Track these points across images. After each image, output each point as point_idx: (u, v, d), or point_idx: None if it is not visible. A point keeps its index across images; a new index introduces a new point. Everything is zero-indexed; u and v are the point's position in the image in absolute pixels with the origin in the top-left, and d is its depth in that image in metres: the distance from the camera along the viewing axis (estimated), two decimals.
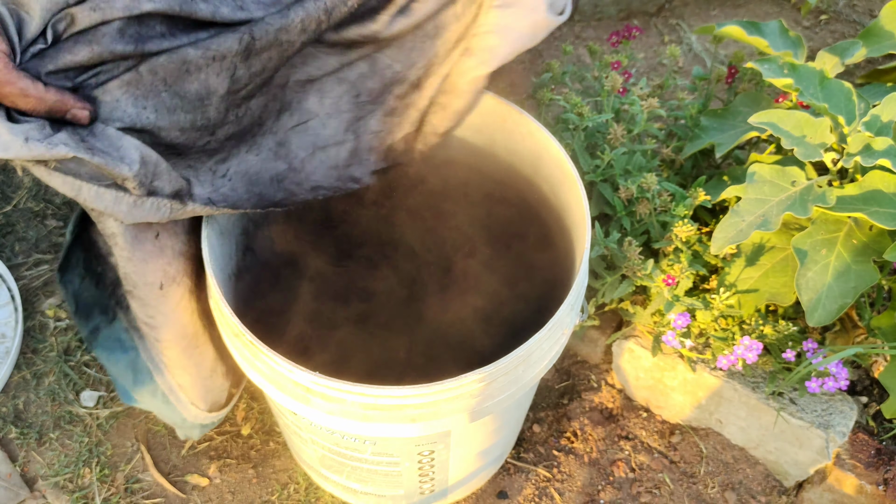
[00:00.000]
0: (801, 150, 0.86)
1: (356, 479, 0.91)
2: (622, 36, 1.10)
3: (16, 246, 1.26)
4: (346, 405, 0.69)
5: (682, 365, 1.01)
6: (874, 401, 1.04)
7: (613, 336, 1.07)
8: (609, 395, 1.12)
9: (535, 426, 1.11)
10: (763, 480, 1.05)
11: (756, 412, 1.00)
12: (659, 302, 0.96)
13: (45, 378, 1.14)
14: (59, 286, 0.84)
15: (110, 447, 1.09)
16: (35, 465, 1.07)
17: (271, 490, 1.06)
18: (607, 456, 1.08)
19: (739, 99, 1.04)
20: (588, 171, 1.00)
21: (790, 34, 1.04)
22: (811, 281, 0.86)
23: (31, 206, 1.31)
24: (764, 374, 1.00)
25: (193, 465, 1.08)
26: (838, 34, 1.56)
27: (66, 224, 1.29)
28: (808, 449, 0.98)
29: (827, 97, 0.92)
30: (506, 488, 1.05)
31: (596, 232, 0.94)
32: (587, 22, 1.56)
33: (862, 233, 0.87)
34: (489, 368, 0.68)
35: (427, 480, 0.91)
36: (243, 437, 1.10)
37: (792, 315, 0.98)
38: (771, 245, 0.93)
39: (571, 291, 0.73)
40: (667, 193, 0.96)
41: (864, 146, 0.85)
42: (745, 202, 0.87)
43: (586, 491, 1.05)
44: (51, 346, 1.17)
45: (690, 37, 1.54)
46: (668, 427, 1.10)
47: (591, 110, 0.99)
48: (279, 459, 1.08)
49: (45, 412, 1.11)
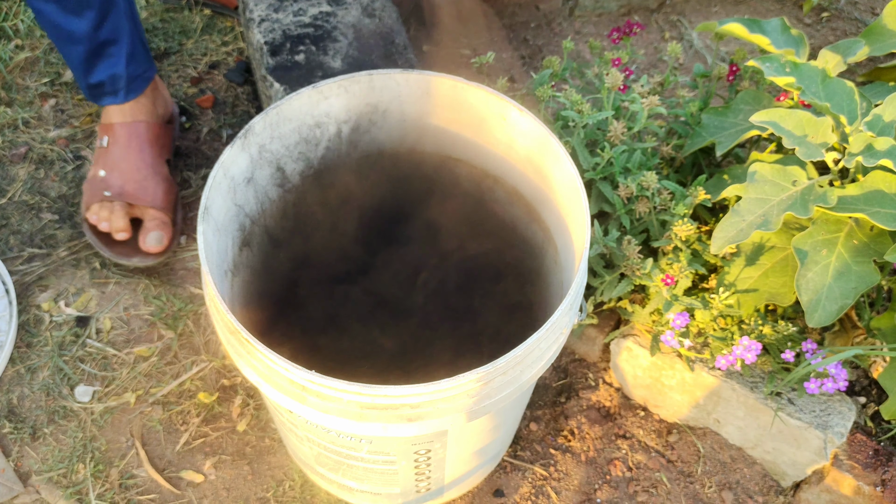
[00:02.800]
0: (802, 149, 0.85)
1: (352, 478, 0.91)
2: (623, 32, 1.09)
3: (10, 239, 1.26)
4: (342, 404, 0.69)
5: (681, 364, 1.01)
6: (872, 401, 1.04)
7: (611, 335, 1.07)
8: (606, 393, 1.12)
9: (532, 424, 1.10)
10: (760, 480, 1.05)
11: (754, 412, 0.99)
12: (658, 301, 0.95)
13: (39, 373, 1.13)
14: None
15: (105, 443, 1.08)
16: (29, 461, 1.06)
17: (266, 487, 1.05)
18: (604, 455, 1.07)
19: (740, 97, 1.03)
20: (587, 168, 0.99)
21: (792, 32, 1.04)
22: (811, 281, 0.85)
23: (27, 199, 1.30)
24: (762, 374, 0.99)
25: (188, 461, 1.07)
26: (840, 32, 1.55)
27: (61, 218, 1.28)
28: (806, 449, 0.98)
29: (829, 96, 0.91)
30: (502, 486, 1.05)
31: (595, 230, 0.93)
32: (587, 18, 1.55)
33: (863, 233, 0.86)
34: (487, 368, 0.67)
35: (423, 479, 0.90)
36: (238, 434, 1.09)
37: (791, 315, 0.98)
38: (771, 245, 0.92)
39: (570, 291, 0.73)
40: (666, 192, 0.95)
41: (866, 146, 0.85)
42: (745, 201, 0.86)
43: (583, 490, 1.05)
44: (45, 340, 1.16)
45: (691, 33, 1.54)
46: (666, 426, 1.10)
47: (591, 107, 0.98)
48: (274, 456, 1.08)
49: (39, 407, 1.10)
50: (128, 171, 1.21)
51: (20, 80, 1.45)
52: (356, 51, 1.23)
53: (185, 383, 1.13)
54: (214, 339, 1.17)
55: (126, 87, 1.18)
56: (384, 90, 0.88)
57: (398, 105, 0.90)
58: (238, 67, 1.48)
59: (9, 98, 1.42)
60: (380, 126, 0.92)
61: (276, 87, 1.19)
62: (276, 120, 0.84)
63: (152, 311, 1.20)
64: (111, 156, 1.21)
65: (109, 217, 1.20)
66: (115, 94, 1.19)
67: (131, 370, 1.14)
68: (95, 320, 1.18)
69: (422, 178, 0.98)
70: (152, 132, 1.23)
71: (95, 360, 1.15)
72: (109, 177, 1.20)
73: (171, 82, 1.46)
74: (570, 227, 0.83)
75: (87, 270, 1.23)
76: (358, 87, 0.87)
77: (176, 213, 1.26)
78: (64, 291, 1.21)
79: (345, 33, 1.25)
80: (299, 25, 1.26)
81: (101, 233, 1.22)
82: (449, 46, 1.49)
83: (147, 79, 1.21)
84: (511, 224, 0.98)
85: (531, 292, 0.99)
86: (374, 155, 0.96)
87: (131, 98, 1.20)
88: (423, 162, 0.97)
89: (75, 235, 1.26)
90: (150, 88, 1.24)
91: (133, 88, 1.20)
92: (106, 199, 1.20)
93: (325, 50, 1.23)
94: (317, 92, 0.85)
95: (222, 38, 1.53)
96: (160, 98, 1.29)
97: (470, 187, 0.98)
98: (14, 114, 1.40)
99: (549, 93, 1.03)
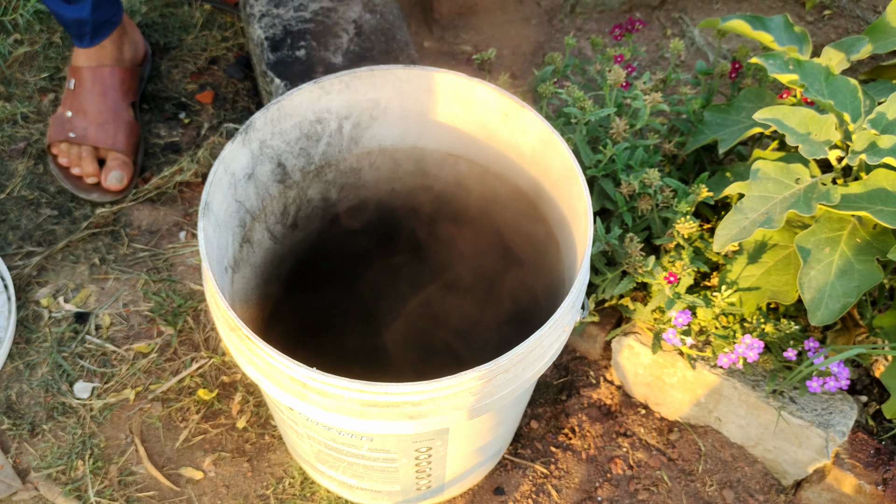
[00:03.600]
0: (806, 147, 0.85)
1: (352, 475, 0.90)
2: (625, 29, 1.09)
3: (9, 234, 1.25)
4: (343, 402, 0.68)
5: (682, 362, 1.00)
6: (874, 400, 1.04)
7: (613, 332, 1.07)
8: (607, 391, 1.12)
9: (532, 422, 1.10)
10: (761, 479, 1.05)
11: (756, 410, 0.99)
12: (660, 299, 0.95)
13: (38, 369, 1.13)
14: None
15: (104, 439, 1.08)
16: (27, 457, 1.06)
17: (266, 484, 1.05)
18: (605, 453, 1.07)
19: (743, 94, 1.03)
20: (589, 165, 0.99)
21: (795, 29, 1.03)
22: (814, 280, 0.85)
23: (26, 194, 1.30)
24: (764, 373, 0.99)
25: (188, 458, 1.07)
26: (842, 30, 1.55)
27: (60, 213, 1.28)
28: (808, 448, 0.98)
29: (832, 94, 0.91)
30: (503, 484, 1.05)
31: (597, 227, 0.93)
32: (589, 14, 1.55)
33: (866, 231, 0.86)
34: (489, 366, 0.67)
35: (424, 476, 0.90)
36: (238, 431, 1.09)
37: (793, 313, 0.98)
38: (773, 243, 0.92)
39: (573, 289, 0.72)
40: (669, 189, 0.95)
41: (870, 144, 0.84)
42: (748, 199, 0.86)
43: (583, 488, 1.04)
44: (44, 336, 1.15)
45: (693, 30, 1.53)
46: (667, 424, 1.09)
47: (593, 104, 0.98)
48: (274, 453, 1.07)
49: (38, 403, 1.10)
50: (91, 115, 1.28)
51: (19, 75, 1.44)
52: (357, 46, 1.22)
53: (184, 380, 1.13)
54: (214, 335, 1.17)
55: (91, 32, 1.23)
56: (386, 86, 0.88)
57: (400, 101, 0.89)
58: (238, 63, 1.47)
59: (8, 93, 1.42)
60: (381, 122, 0.92)
61: (277, 82, 1.19)
62: (277, 115, 0.84)
63: (152, 307, 1.19)
64: (77, 98, 1.28)
65: (79, 162, 1.27)
66: (81, 39, 1.24)
67: (130, 367, 1.14)
68: (95, 316, 1.18)
69: (423, 174, 0.98)
70: (116, 77, 1.29)
71: (94, 356, 1.14)
72: (75, 118, 1.27)
73: (170, 78, 1.45)
74: (572, 223, 0.82)
75: (87, 266, 1.23)
76: (360, 82, 0.87)
77: (137, 154, 1.33)
78: (63, 287, 1.21)
79: (346, 29, 1.24)
80: (300, 21, 1.25)
81: (63, 167, 1.29)
82: (450, 42, 1.48)
83: (113, 24, 1.26)
84: (513, 220, 0.98)
85: (533, 288, 0.98)
86: (376, 151, 0.95)
87: (96, 43, 1.25)
88: (425, 158, 0.97)
89: (74, 230, 1.26)
90: (117, 33, 1.28)
91: (99, 34, 1.24)
92: (73, 142, 1.27)
93: (326, 45, 1.22)
94: (318, 87, 0.85)
95: (222, 33, 1.52)
96: (128, 42, 1.33)
97: (472, 184, 0.98)
98: (13, 108, 1.39)
99: (551, 89, 1.03)
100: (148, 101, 1.42)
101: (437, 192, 0.99)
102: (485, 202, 0.99)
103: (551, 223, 0.91)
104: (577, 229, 0.79)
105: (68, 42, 1.49)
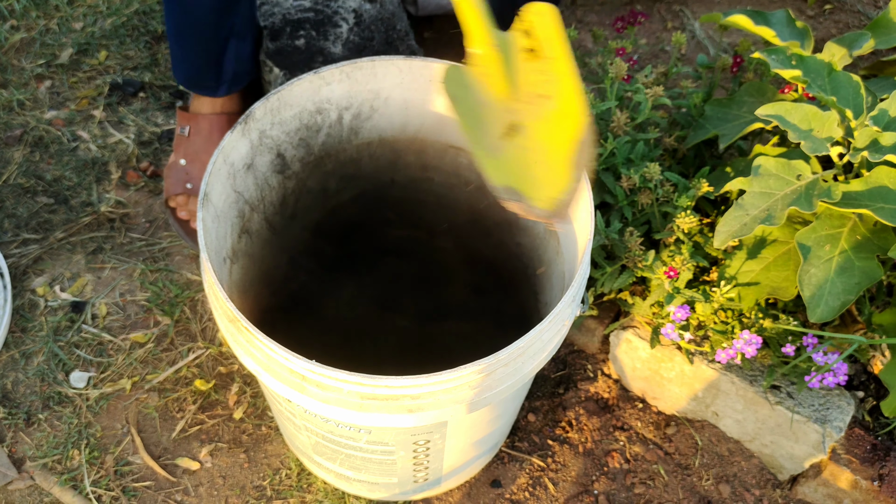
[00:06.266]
0: (808, 143, 0.85)
1: (349, 467, 0.90)
2: (627, 21, 1.08)
3: (5, 223, 1.24)
4: (342, 394, 0.68)
5: (680, 357, 1.00)
6: (871, 396, 1.04)
7: (611, 326, 1.06)
8: (605, 385, 1.12)
9: (530, 415, 1.10)
10: (758, 473, 1.05)
11: (753, 405, 0.99)
12: (659, 293, 0.95)
13: (34, 358, 1.12)
14: None
15: (100, 429, 1.07)
16: (23, 446, 1.06)
17: (263, 475, 1.05)
18: (602, 446, 1.07)
19: (744, 89, 1.02)
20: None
21: (797, 24, 1.03)
22: (814, 277, 0.85)
23: (21, 182, 1.29)
24: (762, 368, 0.99)
25: (184, 449, 1.07)
26: (842, 25, 1.54)
27: (56, 201, 1.27)
28: (804, 443, 0.98)
29: (835, 90, 0.90)
30: (500, 477, 1.05)
31: (597, 221, 0.93)
32: (590, 6, 1.54)
33: (866, 228, 0.86)
34: (489, 360, 0.67)
35: (421, 469, 0.90)
36: (235, 422, 1.09)
37: (792, 309, 0.98)
38: (773, 238, 0.92)
39: (573, 283, 0.72)
40: (669, 183, 0.95)
41: (872, 141, 0.84)
42: (749, 196, 0.86)
43: (580, 481, 1.05)
44: (40, 325, 1.15)
45: (694, 23, 1.53)
46: (664, 418, 1.09)
47: (594, 97, 0.97)
48: (271, 444, 1.07)
49: (34, 392, 1.10)
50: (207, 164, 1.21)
51: (15, 62, 1.43)
52: (357, 36, 1.22)
53: (181, 370, 1.12)
54: (211, 325, 1.16)
55: (230, 81, 1.15)
56: (387, 77, 0.87)
57: (400, 92, 0.89)
58: None
59: (3, 79, 1.41)
60: (381, 113, 0.91)
61: (276, 72, 1.18)
62: (276, 105, 0.83)
63: (149, 296, 1.19)
64: (192, 146, 1.19)
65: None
66: (217, 88, 1.16)
67: (127, 356, 1.13)
68: (91, 305, 1.17)
69: (423, 166, 0.97)
70: (232, 122, 1.21)
71: (91, 345, 1.14)
72: (191, 168, 1.19)
73: (168, 66, 1.44)
74: (572, 217, 0.82)
75: (83, 255, 1.22)
76: (360, 73, 0.86)
77: None
78: (59, 276, 1.20)
79: (346, 18, 1.23)
80: (300, 10, 1.24)
81: (182, 221, 1.21)
82: (451, 33, 1.48)
83: (251, 74, 1.18)
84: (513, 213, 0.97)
85: (533, 282, 0.98)
86: (376, 142, 0.95)
87: (232, 93, 1.17)
88: (425, 150, 0.96)
89: (71, 219, 1.25)
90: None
91: (238, 83, 1.17)
92: (191, 194, 1.18)
93: (326, 35, 1.21)
94: (318, 77, 0.84)
95: None
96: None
97: (472, 175, 0.97)
98: (9, 95, 1.38)
99: None
100: (145, 90, 1.41)
101: (437, 184, 0.99)
102: (485, 193, 0.98)
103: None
104: (578, 223, 0.79)
105: (65, 28, 1.47)
